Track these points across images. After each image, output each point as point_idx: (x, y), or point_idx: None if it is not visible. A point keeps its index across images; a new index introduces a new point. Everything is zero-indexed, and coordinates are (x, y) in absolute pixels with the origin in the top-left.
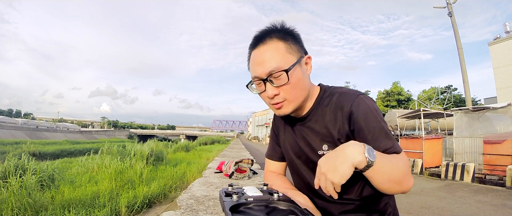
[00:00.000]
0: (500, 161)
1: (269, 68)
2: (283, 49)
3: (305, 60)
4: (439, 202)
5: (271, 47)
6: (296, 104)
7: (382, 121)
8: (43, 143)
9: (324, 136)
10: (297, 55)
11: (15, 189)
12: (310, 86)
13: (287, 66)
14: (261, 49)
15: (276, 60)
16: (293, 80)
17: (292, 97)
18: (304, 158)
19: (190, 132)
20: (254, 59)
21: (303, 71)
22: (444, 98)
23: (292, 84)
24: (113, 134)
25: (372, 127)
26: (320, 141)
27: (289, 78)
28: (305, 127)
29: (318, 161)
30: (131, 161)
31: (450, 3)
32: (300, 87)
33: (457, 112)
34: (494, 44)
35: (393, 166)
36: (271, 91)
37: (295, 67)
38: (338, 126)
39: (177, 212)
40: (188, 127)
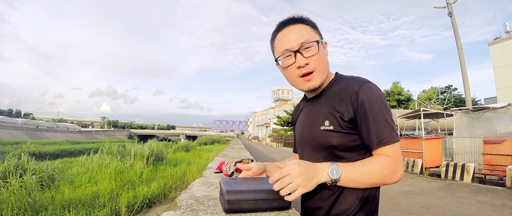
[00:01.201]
0: (500, 161)
1: (301, 39)
2: (310, 29)
3: (324, 44)
4: (439, 202)
5: (300, 26)
6: (323, 77)
7: (386, 110)
8: (43, 143)
9: (328, 113)
10: (319, 37)
11: (15, 189)
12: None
13: (309, 39)
14: (291, 27)
15: (306, 34)
16: (321, 52)
17: (320, 68)
18: (307, 136)
19: (190, 132)
20: (285, 35)
21: (326, 51)
22: (444, 98)
23: (321, 56)
24: (113, 134)
25: (376, 113)
26: (323, 117)
27: (319, 49)
28: (314, 105)
29: (293, 162)
30: (131, 161)
31: (450, 3)
32: (325, 62)
33: (457, 112)
34: (494, 44)
35: (365, 176)
36: (303, 61)
37: (322, 43)
38: (343, 106)
39: (177, 212)
40: (188, 127)
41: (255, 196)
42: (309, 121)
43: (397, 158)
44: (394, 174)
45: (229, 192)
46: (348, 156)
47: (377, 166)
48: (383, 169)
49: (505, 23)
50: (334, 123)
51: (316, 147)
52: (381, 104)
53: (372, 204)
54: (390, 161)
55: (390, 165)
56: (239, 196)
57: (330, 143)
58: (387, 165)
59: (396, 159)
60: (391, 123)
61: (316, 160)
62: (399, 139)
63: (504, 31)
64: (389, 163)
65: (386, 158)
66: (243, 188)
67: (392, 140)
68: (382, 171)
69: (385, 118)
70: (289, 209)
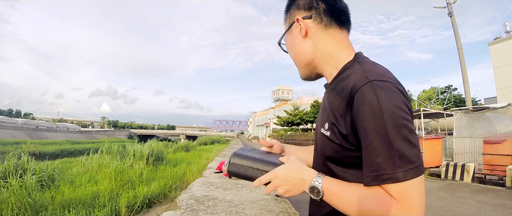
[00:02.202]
0: (500, 161)
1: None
2: (285, 21)
3: (295, 25)
4: (439, 202)
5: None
6: (305, 71)
7: (396, 127)
8: (43, 143)
9: (330, 114)
10: (287, 24)
11: (15, 189)
12: (305, 48)
13: (278, 39)
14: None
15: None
16: (288, 45)
17: (296, 62)
18: (315, 134)
19: (190, 132)
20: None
21: (292, 37)
22: (444, 98)
23: (290, 49)
24: (113, 134)
25: (374, 132)
26: (326, 118)
27: (282, 48)
28: (327, 96)
29: (279, 168)
30: (131, 161)
31: (450, 3)
32: (293, 53)
33: (457, 112)
34: (494, 44)
35: (347, 205)
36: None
37: (285, 36)
38: (340, 111)
39: (177, 212)
40: (188, 127)
41: (259, 166)
42: (319, 117)
43: (407, 205)
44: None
45: (235, 155)
46: (341, 174)
47: (364, 201)
48: (371, 208)
49: (505, 23)
50: (331, 130)
51: (318, 151)
52: (385, 117)
53: None
54: (393, 205)
55: (389, 210)
56: (243, 162)
57: (323, 152)
58: (378, 205)
59: (404, 206)
60: (399, 149)
61: (316, 163)
62: (415, 175)
63: (504, 31)
64: (390, 207)
65: (388, 199)
66: (251, 155)
67: (394, 177)
68: (367, 209)
69: (389, 140)
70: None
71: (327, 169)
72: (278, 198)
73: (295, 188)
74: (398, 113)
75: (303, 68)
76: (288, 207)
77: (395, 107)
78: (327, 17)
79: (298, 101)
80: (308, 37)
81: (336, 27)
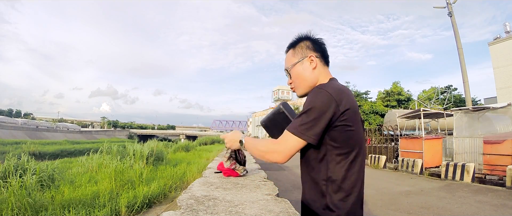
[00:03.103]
0: (500, 161)
1: (285, 66)
2: (291, 54)
3: (308, 59)
4: (439, 202)
5: (287, 54)
6: (302, 91)
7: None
8: (43, 143)
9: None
10: (299, 56)
11: (15, 189)
12: (317, 78)
13: (287, 66)
14: (285, 56)
15: (285, 63)
16: (293, 74)
17: (297, 85)
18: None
19: (190, 132)
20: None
21: (303, 67)
22: (444, 98)
23: (294, 76)
24: (113, 134)
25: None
26: None
27: (289, 73)
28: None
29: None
30: (131, 161)
31: (450, 3)
32: (301, 78)
33: (457, 112)
34: (494, 44)
35: (253, 148)
36: (289, 80)
37: (296, 65)
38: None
39: (177, 212)
40: (188, 127)
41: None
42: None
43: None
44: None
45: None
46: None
47: (263, 143)
48: (264, 147)
49: (505, 23)
50: None
51: None
52: (308, 104)
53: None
54: (274, 143)
55: (271, 146)
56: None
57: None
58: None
59: (279, 144)
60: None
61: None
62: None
63: (504, 31)
64: (272, 144)
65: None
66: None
67: (288, 129)
68: (262, 148)
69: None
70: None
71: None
72: (278, 198)
73: (233, 143)
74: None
75: (306, 89)
76: (288, 207)
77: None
78: (323, 58)
79: (298, 101)
80: (315, 70)
81: (325, 64)
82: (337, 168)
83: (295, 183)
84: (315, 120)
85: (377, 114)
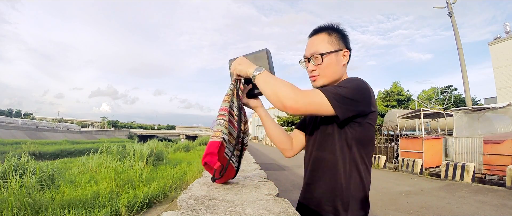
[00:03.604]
0: (500, 161)
1: (311, 51)
2: (326, 40)
3: (342, 53)
4: (439, 202)
5: (319, 37)
6: (326, 81)
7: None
8: (43, 143)
9: None
10: (336, 46)
11: (15, 189)
12: (343, 74)
13: (322, 51)
14: (313, 38)
15: (318, 46)
16: (325, 62)
17: (323, 74)
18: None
19: (190, 132)
20: (307, 43)
21: (337, 59)
22: (444, 98)
23: (325, 65)
24: (113, 134)
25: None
26: None
27: (322, 60)
28: None
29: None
30: (131, 161)
31: (450, 3)
32: (331, 69)
33: (457, 112)
34: (494, 44)
35: (270, 82)
36: (311, 67)
37: (330, 54)
38: None
39: (177, 212)
40: (188, 127)
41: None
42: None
43: (304, 94)
44: (287, 97)
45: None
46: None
47: (284, 82)
48: (284, 86)
49: (505, 23)
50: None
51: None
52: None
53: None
54: (296, 89)
55: (291, 89)
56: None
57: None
58: (289, 87)
59: (302, 93)
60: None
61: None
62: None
63: (504, 31)
64: (293, 88)
65: (297, 88)
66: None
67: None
68: (282, 86)
69: (339, 87)
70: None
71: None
72: (278, 198)
73: (246, 69)
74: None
75: (329, 81)
76: (288, 207)
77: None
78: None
79: None
80: (344, 66)
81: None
82: (362, 168)
83: (295, 183)
84: (354, 102)
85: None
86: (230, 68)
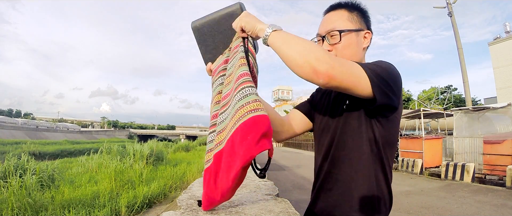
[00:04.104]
0: (500, 161)
1: (328, 28)
2: (346, 17)
3: (363, 34)
4: (439, 202)
5: (337, 13)
6: None
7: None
8: (43, 143)
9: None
10: (357, 25)
11: (15, 189)
12: (362, 59)
13: (340, 27)
14: (329, 14)
15: (335, 23)
16: (344, 41)
17: (341, 55)
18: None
19: (190, 132)
20: (322, 21)
21: (358, 40)
22: (444, 98)
23: (343, 45)
24: (113, 134)
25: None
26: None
27: (341, 39)
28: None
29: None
30: (131, 161)
31: (450, 3)
32: (351, 51)
33: (457, 112)
34: (494, 44)
35: (292, 40)
36: (326, 47)
37: (351, 33)
38: None
39: (177, 212)
40: (188, 127)
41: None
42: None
43: (341, 61)
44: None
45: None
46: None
47: (312, 45)
48: (314, 47)
49: (505, 23)
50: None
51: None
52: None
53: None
54: (329, 53)
55: (323, 52)
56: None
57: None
58: (320, 50)
59: (338, 60)
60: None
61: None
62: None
63: (504, 31)
64: (325, 52)
65: (327, 51)
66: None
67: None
68: (312, 47)
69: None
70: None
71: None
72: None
73: (255, 23)
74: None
75: None
76: (288, 207)
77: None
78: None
79: (298, 101)
80: (365, 50)
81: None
82: (388, 171)
83: (295, 183)
84: (391, 88)
85: None
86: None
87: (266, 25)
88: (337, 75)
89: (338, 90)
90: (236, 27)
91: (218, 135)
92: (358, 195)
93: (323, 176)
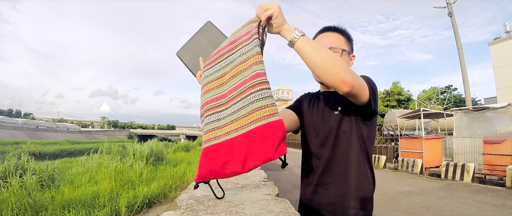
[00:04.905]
0: (500, 161)
1: (331, 44)
2: (342, 40)
3: (351, 57)
4: (439, 202)
5: (336, 35)
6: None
7: (373, 84)
8: (43, 143)
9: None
10: (350, 49)
11: (15, 189)
12: None
13: (341, 47)
14: (327, 33)
15: (337, 42)
16: (343, 59)
17: None
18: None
19: (190, 132)
20: (322, 38)
21: (347, 61)
22: (444, 98)
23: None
24: (113, 134)
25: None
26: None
27: (341, 56)
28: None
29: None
30: (131, 161)
31: (450, 3)
32: None
33: (457, 112)
34: (494, 44)
35: (319, 52)
36: None
37: (345, 53)
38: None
39: (177, 212)
40: (188, 127)
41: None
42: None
43: (352, 71)
44: (346, 71)
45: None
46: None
47: (334, 54)
48: (339, 60)
49: (505, 23)
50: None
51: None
52: (370, 82)
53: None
54: (348, 67)
55: (346, 64)
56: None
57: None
58: (343, 61)
59: (352, 72)
60: (366, 79)
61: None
62: (369, 84)
63: (504, 31)
64: (348, 67)
65: (346, 64)
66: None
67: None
68: (338, 59)
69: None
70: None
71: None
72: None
73: (284, 23)
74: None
75: None
76: (288, 207)
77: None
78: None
79: None
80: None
81: None
82: (373, 167)
83: (295, 183)
84: (377, 97)
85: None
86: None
87: (294, 27)
88: (356, 85)
89: (350, 96)
90: (262, 13)
91: (230, 123)
92: (354, 184)
93: (320, 173)
